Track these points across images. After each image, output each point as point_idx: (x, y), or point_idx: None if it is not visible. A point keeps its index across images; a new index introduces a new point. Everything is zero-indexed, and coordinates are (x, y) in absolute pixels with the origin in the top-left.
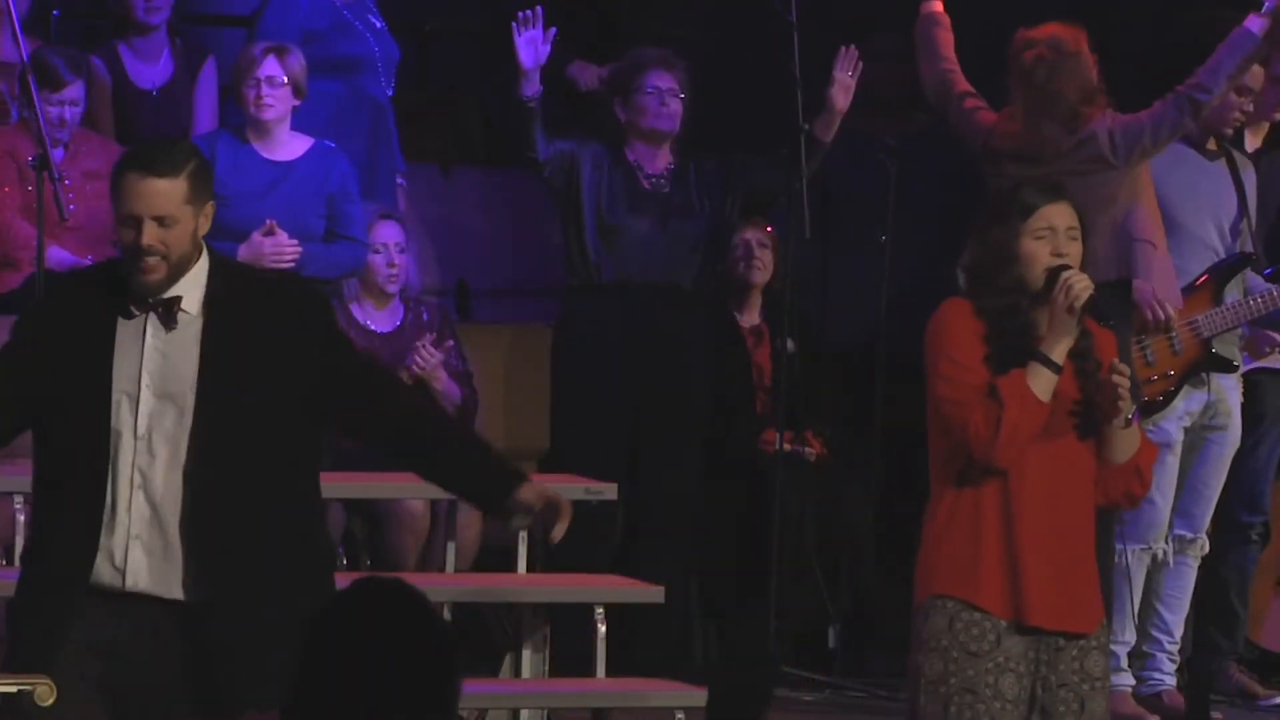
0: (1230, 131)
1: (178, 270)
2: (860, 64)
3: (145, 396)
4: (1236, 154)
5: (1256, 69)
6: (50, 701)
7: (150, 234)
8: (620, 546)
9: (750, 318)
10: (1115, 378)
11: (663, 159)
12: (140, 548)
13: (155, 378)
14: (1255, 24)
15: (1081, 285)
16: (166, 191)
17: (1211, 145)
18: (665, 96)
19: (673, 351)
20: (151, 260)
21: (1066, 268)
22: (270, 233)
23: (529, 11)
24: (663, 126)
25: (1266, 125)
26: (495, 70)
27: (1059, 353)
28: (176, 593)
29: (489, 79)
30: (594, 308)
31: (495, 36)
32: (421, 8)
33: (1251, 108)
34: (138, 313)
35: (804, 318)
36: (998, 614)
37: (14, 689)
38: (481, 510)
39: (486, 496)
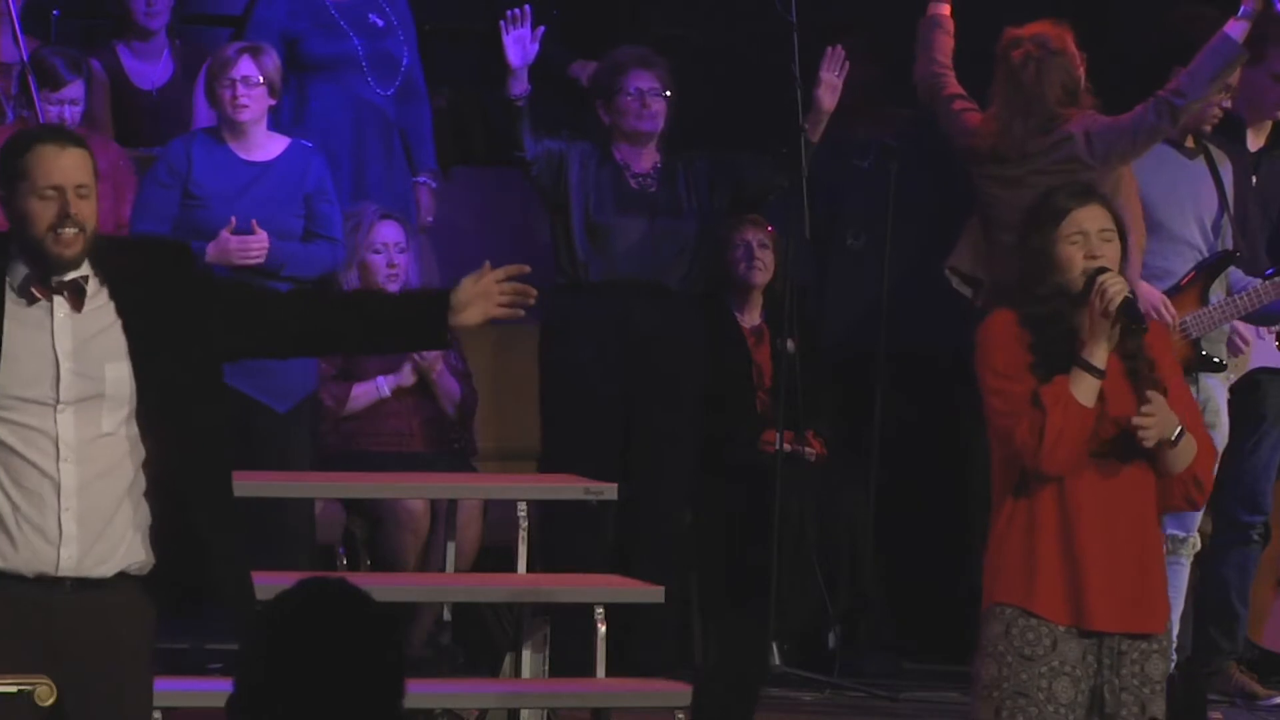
0: (1209, 128)
1: (89, 246)
2: (847, 64)
3: (66, 374)
4: (1214, 149)
5: None
6: (50, 701)
7: (75, 204)
8: (616, 546)
9: (751, 318)
10: (1135, 420)
11: (649, 158)
12: (73, 518)
13: (72, 357)
14: (1235, 29)
15: (1116, 288)
16: (84, 163)
17: (1190, 143)
18: (646, 97)
19: (661, 351)
20: (72, 231)
21: (1103, 270)
22: (239, 231)
23: (517, 10)
24: (645, 127)
25: (1269, 125)
26: (495, 70)
27: (1099, 357)
28: (107, 567)
29: (489, 79)
30: (581, 307)
31: (495, 36)
32: (421, 8)
33: (1229, 103)
34: (38, 294)
35: (804, 317)
36: (1055, 620)
37: (14, 689)
38: (434, 345)
39: (428, 328)
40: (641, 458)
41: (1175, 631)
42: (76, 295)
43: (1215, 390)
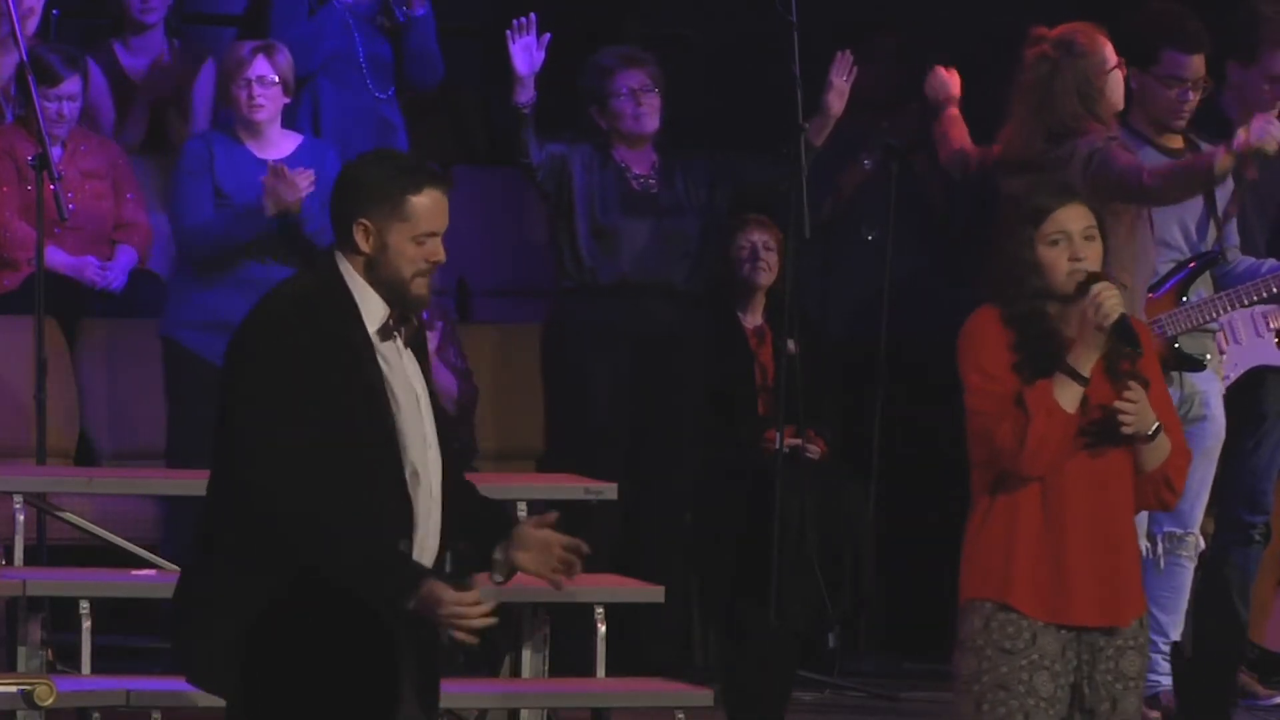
0: (1182, 123)
1: None
2: (855, 68)
3: (425, 410)
4: (1205, 148)
5: (1198, 61)
6: (50, 701)
7: (443, 252)
8: (619, 546)
9: (754, 318)
10: (1118, 403)
11: (647, 158)
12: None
13: (423, 392)
14: (1219, 159)
15: (1112, 304)
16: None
17: (1176, 144)
18: (640, 95)
19: (668, 350)
20: (431, 278)
21: (1098, 278)
22: (278, 175)
23: (523, 19)
24: (645, 128)
25: None
26: (496, 69)
27: (1086, 365)
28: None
29: (489, 78)
30: (589, 309)
31: (496, 35)
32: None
33: (1194, 96)
34: (396, 333)
35: (805, 317)
36: (1031, 614)
37: (14, 689)
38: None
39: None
40: (648, 457)
41: (1175, 634)
42: (413, 333)
43: (1200, 383)
